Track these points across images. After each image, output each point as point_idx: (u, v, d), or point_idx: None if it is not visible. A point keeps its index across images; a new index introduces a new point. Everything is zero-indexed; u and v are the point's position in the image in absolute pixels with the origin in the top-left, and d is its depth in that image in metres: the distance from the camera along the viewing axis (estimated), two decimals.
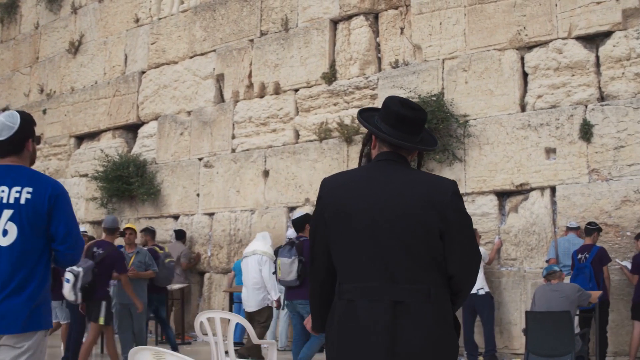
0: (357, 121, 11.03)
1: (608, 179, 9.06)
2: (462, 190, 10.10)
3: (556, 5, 9.79)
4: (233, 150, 12.90)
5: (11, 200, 3.45)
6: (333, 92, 11.81)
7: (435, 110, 10.21)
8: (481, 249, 9.32)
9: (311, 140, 11.92)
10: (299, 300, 7.57)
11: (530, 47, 10.03)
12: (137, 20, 15.08)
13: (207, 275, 12.83)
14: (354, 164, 11.25)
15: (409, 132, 2.79)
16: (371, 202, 2.69)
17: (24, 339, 3.44)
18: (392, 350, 2.54)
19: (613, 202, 8.96)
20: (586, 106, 9.40)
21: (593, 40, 9.58)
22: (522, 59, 10.08)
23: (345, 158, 11.44)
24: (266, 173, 12.33)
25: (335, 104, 11.79)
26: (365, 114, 2.94)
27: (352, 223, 2.70)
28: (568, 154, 9.39)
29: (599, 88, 9.42)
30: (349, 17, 11.97)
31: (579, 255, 8.54)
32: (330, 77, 11.90)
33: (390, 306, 2.56)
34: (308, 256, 7.40)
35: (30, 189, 3.47)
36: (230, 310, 11.09)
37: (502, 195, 10.04)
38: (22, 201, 3.45)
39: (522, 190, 9.80)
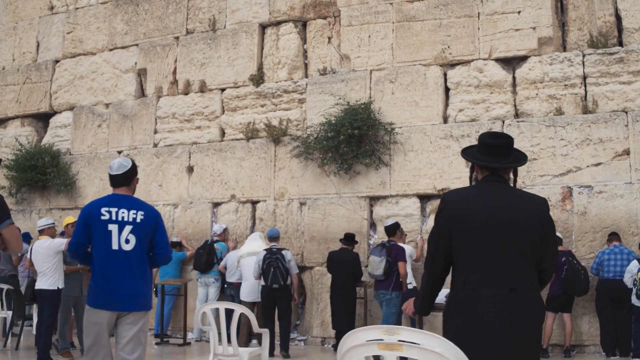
0: (284, 123, 11.68)
1: (522, 188, 10.17)
2: (387, 193, 10.99)
3: (479, 29, 10.84)
4: (155, 145, 13.07)
5: (130, 219, 4.88)
6: (261, 94, 12.30)
7: (364, 117, 10.97)
8: (408, 247, 10.20)
9: (238, 139, 12.34)
10: (382, 290, 9.51)
11: (453, 65, 11.02)
12: (51, 8, 14.86)
13: None
14: (281, 164, 11.83)
15: (500, 155, 3.57)
16: (488, 212, 3.43)
17: (143, 317, 4.86)
18: (510, 324, 3.30)
19: None
20: (503, 121, 10.50)
21: (511, 62, 10.70)
22: (445, 75, 11.06)
23: (272, 157, 11.96)
24: (190, 169, 12.62)
25: (262, 106, 12.28)
26: (467, 151, 3.75)
27: (475, 228, 3.43)
28: None
29: (515, 106, 10.56)
30: (278, 23, 12.52)
31: None
32: (258, 79, 12.38)
33: (507, 293, 3.33)
34: (395, 257, 9.17)
35: (142, 212, 4.95)
36: (162, 302, 11.30)
37: (424, 199, 10.95)
38: (138, 220, 4.90)
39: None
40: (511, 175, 3.65)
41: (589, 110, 10.06)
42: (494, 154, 3.55)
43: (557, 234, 9.69)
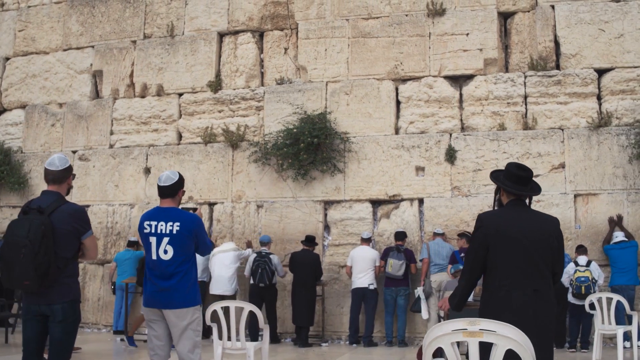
0: (242, 128, 12.23)
1: (467, 195, 11.13)
2: (341, 198, 11.72)
3: (430, 47, 11.73)
4: (111, 146, 13.36)
5: (167, 231, 5.27)
6: (219, 100, 12.81)
7: (321, 126, 11.66)
8: (374, 251, 11.04)
9: (195, 143, 12.81)
10: (401, 287, 10.92)
11: (405, 80, 11.87)
12: (2, 5, 14.86)
13: (81, 266, 13.15)
14: (239, 168, 12.39)
15: (523, 184, 4.43)
16: (519, 230, 4.27)
17: (186, 314, 5.25)
18: (535, 317, 4.15)
19: (471, 214, 11.03)
20: (451, 134, 11.42)
21: (458, 80, 11.64)
22: (397, 89, 11.89)
23: (230, 161, 12.49)
24: (147, 170, 12.99)
25: (220, 111, 12.79)
26: (495, 174, 4.60)
27: (508, 241, 4.25)
28: (435, 173, 11.34)
29: (462, 120, 11.50)
30: (236, 32, 13.06)
31: (462, 255, 10.46)
32: (216, 85, 12.88)
33: (532, 293, 4.19)
34: (409, 259, 10.65)
35: (178, 223, 5.29)
36: (126, 301, 11.64)
37: (376, 204, 11.75)
38: (174, 232, 5.28)
39: (394, 200, 11.59)
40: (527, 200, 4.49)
41: (529, 126, 11.11)
42: (519, 183, 4.40)
43: None
